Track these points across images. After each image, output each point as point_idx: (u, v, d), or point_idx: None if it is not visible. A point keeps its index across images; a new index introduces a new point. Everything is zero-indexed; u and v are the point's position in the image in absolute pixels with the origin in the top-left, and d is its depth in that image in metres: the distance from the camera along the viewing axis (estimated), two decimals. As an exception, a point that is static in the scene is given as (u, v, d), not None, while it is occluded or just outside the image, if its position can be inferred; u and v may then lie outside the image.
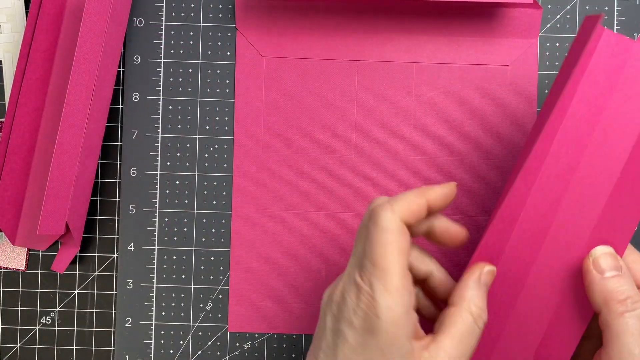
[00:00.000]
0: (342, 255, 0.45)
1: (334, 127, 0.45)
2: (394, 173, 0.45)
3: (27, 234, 0.43)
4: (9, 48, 0.45)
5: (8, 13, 0.45)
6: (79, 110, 0.40)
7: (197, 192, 0.45)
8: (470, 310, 0.32)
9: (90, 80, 0.40)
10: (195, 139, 0.46)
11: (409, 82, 0.45)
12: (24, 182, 0.43)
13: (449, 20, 0.44)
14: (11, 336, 0.46)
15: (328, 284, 0.45)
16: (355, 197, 0.45)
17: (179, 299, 0.45)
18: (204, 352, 0.45)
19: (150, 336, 0.45)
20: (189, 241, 0.45)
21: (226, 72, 0.46)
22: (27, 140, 0.43)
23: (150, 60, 0.46)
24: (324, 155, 0.45)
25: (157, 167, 0.46)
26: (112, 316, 0.46)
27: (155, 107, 0.46)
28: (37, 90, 0.43)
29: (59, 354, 0.46)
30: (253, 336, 0.45)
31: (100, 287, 0.46)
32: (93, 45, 0.40)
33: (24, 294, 0.46)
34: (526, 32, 0.44)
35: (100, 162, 0.46)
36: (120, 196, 0.46)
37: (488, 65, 0.45)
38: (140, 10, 0.46)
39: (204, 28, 0.46)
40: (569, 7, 0.45)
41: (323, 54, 0.45)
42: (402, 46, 0.45)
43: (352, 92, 0.45)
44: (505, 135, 0.45)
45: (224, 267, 0.45)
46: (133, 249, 0.45)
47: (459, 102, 0.45)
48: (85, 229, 0.45)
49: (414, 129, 0.45)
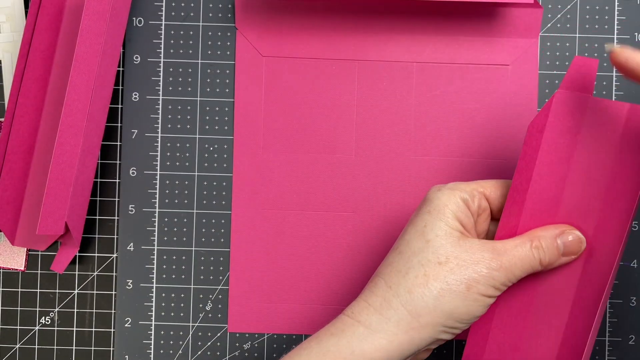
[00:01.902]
0: (342, 255, 0.45)
1: (334, 127, 0.45)
2: (393, 173, 0.45)
3: (26, 234, 0.43)
4: (9, 48, 0.45)
5: (8, 13, 0.45)
6: (78, 110, 0.40)
7: (197, 192, 0.45)
8: (538, 246, 0.34)
9: (90, 80, 0.40)
10: (195, 139, 0.45)
11: (409, 82, 0.45)
12: (24, 182, 0.43)
13: (449, 20, 0.44)
14: (11, 336, 0.46)
15: (328, 283, 0.45)
16: (355, 197, 0.45)
17: (178, 299, 0.45)
18: (204, 353, 0.45)
19: (150, 336, 0.45)
20: (189, 241, 0.45)
21: (226, 72, 0.46)
22: (27, 140, 0.43)
23: (150, 59, 0.46)
24: (324, 155, 0.45)
25: (157, 167, 0.45)
26: (111, 316, 0.46)
27: (155, 106, 0.46)
28: (36, 90, 0.43)
29: (58, 354, 0.46)
30: (253, 336, 0.45)
31: (100, 287, 0.46)
32: (92, 45, 0.40)
33: (24, 294, 0.46)
34: (526, 32, 0.44)
35: (100, 162, 0.46)
36: (119, 196, 0.46)
37: (488, 65, 0.45)
38: (139, 10, 0.46)
39: (204, 28, 0.46)
40: (569, 7, 0.45)
41: (323, 54, 0.45)
42: (402, 46, 0.45)
43: (352, 92, 0.45)
44: (506, 135, 0.45)
45: (224, 267, 0.45)
46: (133, 249, 0.45)
47: (459, 102, 0.45)
48: (84, 229, 0.45)
49: (414, 129, 0.45)
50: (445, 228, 0.34)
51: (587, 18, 0.45)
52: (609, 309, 0.45)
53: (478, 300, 0.33)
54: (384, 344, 0.33)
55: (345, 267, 0.45)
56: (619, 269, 0.44)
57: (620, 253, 0.34)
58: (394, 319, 0.33)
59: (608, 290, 0.35)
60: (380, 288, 0.34)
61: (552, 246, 0.34)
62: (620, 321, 0.44)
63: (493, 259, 0.33)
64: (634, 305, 0.44)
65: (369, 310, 0.34)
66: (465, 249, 0.34)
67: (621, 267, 0.45)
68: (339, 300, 0.45)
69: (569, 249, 0.35)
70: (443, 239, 0.34)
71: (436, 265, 0.33)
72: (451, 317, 0.33)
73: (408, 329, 0.33)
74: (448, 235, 0.34)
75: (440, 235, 0.34)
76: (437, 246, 0.34)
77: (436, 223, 0.34)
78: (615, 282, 0.45)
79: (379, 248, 0.45)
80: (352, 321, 0.34)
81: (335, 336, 0.33)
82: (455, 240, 0.34)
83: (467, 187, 0.36)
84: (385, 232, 0.45)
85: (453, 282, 0.33)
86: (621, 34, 0.45)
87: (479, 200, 0.36)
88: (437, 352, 0.45)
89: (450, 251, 0.33)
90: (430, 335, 0.33)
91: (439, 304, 0.33)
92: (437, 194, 0.35)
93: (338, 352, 0.33)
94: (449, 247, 0.34)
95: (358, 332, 0.33)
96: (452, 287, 0.33)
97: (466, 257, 0.33)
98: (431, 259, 0.33)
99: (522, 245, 0.34)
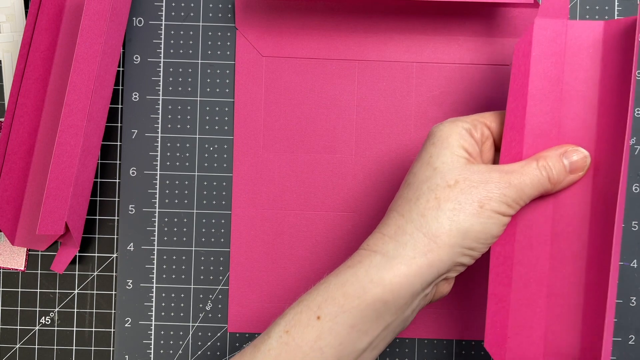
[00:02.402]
0: (342, 255, 0.45)
1: (334, 127, 0.45)
2: (393, 173, 0.45)
3: (26, 234, 0.43)
4: (9, 48, 0.45)
5: (8, 13, 0.45)
6: (78, 110, 0.40)
7: (197, 192, 0.45)
8: (544, 165, 0.35)
9: (90, 80, 0.40)
10: (195, 139, 0.46)
11: (409, 82, 0.45)
12: (24, 182, 0.43)
13: (449, 20, 0.44)
14: (11, 336, 0.46)
15: (328, 284, 0.45)
16: (355, 197, 0.45)
17: (178, 299, 0.45)
18: (204, 353, 0.45)
19: (150, 336, 0.45)
20: (189, 241, 0.45)
21: (226, 72, 0.46)
22: (27, 140, 0.43)
23: (150, 59, 0.46)
24: (324, 155, 0.45)
25: (157, 167, 0.45)
26: (111, 316, 0.46)
27: (155, 106, 0.46)
28: (36, 90, 0.43)
29: (58, 354, 0.46)
30: (253, 336, 0.45)
31: (100, 287, 0.46)
32: (93, 45, 0.40)
33: (24, 294, 0.46)
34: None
35: (99, 162, 0.46)
36: (119, 196, 0.46)
37: (488, 65, 0.45)
38: (140, 10, 0.46)
39: (204, 28, 0.46)
40: (569, 6, 0.45)
41: (323, 54, 0.45)
42: (402, 46, 0.45)
43: (352, 92, 0.45)
44: (505, 135, 0.45)
45: (224, 267, 0.45)
46: (133, 249, 0.45)
47: (459, 102, 0.45)
48: (84, 229, 0.45)
49: (414, 129, 0.45)
50: (451, 156, 0.34)
51: (587, 18, 0.45)
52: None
53: (492, 217, 0.33)
54: (402, 270, 0.32)
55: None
56: (619, 270, 0.44)
57: (624, 170, 0.35)
58: (410, 244, 0.32)
59: (619, 222, 0.35)
60: (392, 219, 0.34)
61: (558, 163, 0.35)
62: (620, 321, 0.44)
63: (502, 177, 0.34)
64: (634, 305, 0.44)
65: (384, 239, 0.33)
66: (473, 171, 0.34)
67: (621, 267, 0.45)
68: (339, 300, 0.45)
69: (575, 165, 0.35)
70: (450, 165, 0.34)
71: (446, 189, 0.33)
72: (468, 236, 0.33)
73: (426, 252, 0.32)
74: (455, 162, 0.34)
75: (446, 162, 0.34)
76: (445, 171, 0.34)
77: (442, 152, 0.34)
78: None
79: (379, 248, 0.45)
80: (368, 252, 0.33)
81: (352, 268, 0.33)
82: (462, 165, 0.34)
83: (467, 118, 0.36)
84: (385, 232, 0.45)
85: (465, 202, 0.33)
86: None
87: (481, 129, 0.36)
88: (436, 351, 0.45)
89: (459, 174, 0.33)
90: (449, 257, 0.33)
91: (454, 224, 0.32)
92: (439, 127, 0.35)
93: (357, 282, 0.33)
94: (456, 171, 0.34)
95: (375, 260, 0.33)
96: (464, 207, 0.33)
97: (475, 178, 0.33)
98: (440, 183, 0.33)
99: (529, 165, 0.35)
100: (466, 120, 0.36)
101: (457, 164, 0.34)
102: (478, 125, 0.36)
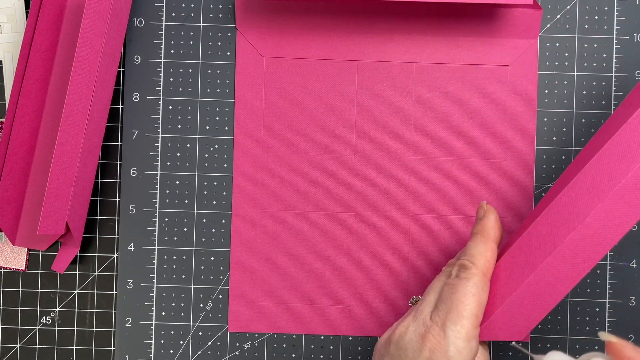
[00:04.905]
0: (342, 255, 0.45)
1: (334, 127, 0.45)
2: (393, 173, 0.45)
3: (27, 234, 0.43)
4: (9, 48, 0.45)
5: (8, 13, 0.45)
6: (79, 110, 0.40)
7: (197, 192, 0.46)
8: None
9: (90, 80, 0.40)
10: (195, 139, 0.46)
11: (408, 82, 0.45)
12: (24, 182, 0.43)
13: (449, 20, 0.44)
14: (11, 336, 0.46)
15: (328, 283, 0.45)
16: (355, 197, 0.45)
17: (179, 299, 0.45)
18: (204, 352, 0.45)
19: (150, 336, 0.45)
20: (189, 241, 0.45)
21: (226, 72, 0.46)
22: (27, 140, 0.43)
23: (150, 60, 0.46)
24: (324, 155, 0.45)
25: (157, 167, 0.46)
26: (112, 316, 0.46)
27: (155, 107, 0.46)
28: (37, 91, 0.43)
29: (59, 354, 0.46)
30: (253, 336, 0.45)
31: (101, 287, 0.46)
32: (93, 46, 0.40)
33: (24, 294, 0.46)
34: (526, 32, 0.44)
35: (100, 162, 0.46)
36: (120, 196, 0.46)
37: (488, 65, 0.45)
38: (140, 10, 0.46)
39: (204, 28, 0.46)
40: (569, 7, 0.45)
41: (323, 54, 0.45)
42: (402, 46, 0.45)
43: (352, 92, 0.45)
44: (505, 135, 0.45)
45: (224, 267, 0.45)
46: (133, 249, 0.45)
47: (459, 102, 0.45)
48: (85, 229, 0.45)
49: (414, 129, 0.45)
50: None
51: (587, 19, 0.45)
52: (609, 309, 0.45)
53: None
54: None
55: (345, 267, 0.45)
56: (619, 270, 0.44)
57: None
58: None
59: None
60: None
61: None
62: (620, 321, 0.44)
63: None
64: (634, 304, 0.44)
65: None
66: None
67: (621, 267, 0.45)
68: (339, 300, 0.45)
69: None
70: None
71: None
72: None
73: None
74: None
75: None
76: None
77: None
78: (615, 282, 0.45)
79: (379, 248, 0.45)
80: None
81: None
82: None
83: None
84: (385, 232, 0.45)
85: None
86: (620, 34, 0.45)
87: None
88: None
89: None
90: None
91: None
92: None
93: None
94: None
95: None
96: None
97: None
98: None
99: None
100: None
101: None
102: None
